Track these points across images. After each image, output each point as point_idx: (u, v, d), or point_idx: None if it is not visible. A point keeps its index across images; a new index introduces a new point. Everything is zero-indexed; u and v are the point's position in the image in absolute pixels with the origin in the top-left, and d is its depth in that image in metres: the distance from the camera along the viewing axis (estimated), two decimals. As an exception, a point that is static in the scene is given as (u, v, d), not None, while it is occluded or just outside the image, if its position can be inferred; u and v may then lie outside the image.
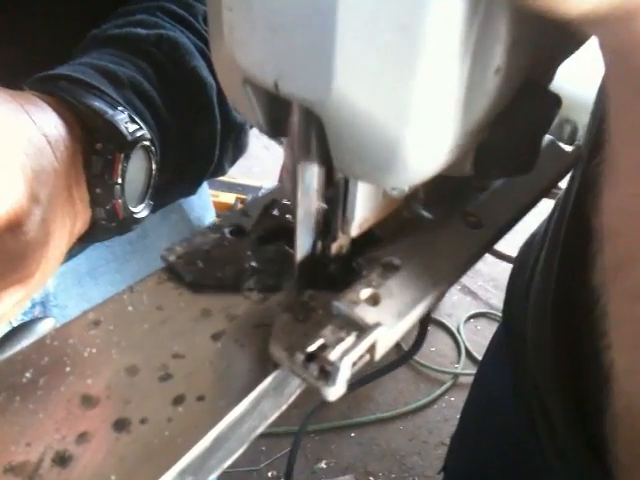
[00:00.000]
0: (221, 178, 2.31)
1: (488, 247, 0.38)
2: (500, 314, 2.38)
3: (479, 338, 2.36)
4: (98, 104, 0.43)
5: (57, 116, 0.41)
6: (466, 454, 0.88)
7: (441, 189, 0.37)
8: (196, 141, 0.54)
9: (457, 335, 2.35)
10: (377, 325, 0.30)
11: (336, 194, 0.32)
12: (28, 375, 0.29)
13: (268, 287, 0.34)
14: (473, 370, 2.24)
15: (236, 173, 2.44)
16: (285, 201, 0.39)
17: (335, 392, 0.28)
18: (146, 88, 0.48)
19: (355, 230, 0.33)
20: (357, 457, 1.95)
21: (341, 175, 0.31)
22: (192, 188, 0.60)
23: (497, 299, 2.49)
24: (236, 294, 0.34)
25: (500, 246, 2.34)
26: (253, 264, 0.35)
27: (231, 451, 0.29)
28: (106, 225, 0.44)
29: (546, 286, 0.59)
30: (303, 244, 0.32)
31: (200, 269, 0.35)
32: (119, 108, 0.44)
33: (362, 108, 0.24)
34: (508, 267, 2.46)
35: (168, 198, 0.57)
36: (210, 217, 0.82)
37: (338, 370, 0.27)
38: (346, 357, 0.28)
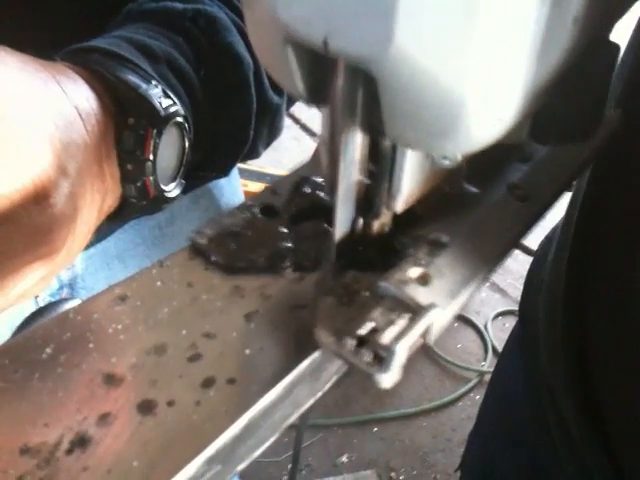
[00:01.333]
0: (250, 167, 2.31)
1: (536, 220, 0.36)
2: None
3: (507, 336, 2.32)
4: (132, 77, 0.42)
5: (89, 88, 0.40)
6: (481, 452, 0.86)
7: (484, 161, 0.34)
8: (230, 120, 0.52)
9: (484, 333, 2.32)
10: (432, 306, 0.27)
11: (381, 167, 0.29)
12: (49, 351, 0.27)
13: (304, 267, 0.32)
14: (500, 368, 2.21)
15: (265, 163, 2.42)
16: (316, 178, 0.37)
17: (390, 378, 0.26)
18: (181, 64, 0.47)
19: (401, 205, 0.30)
20: (379, 452, 1.93)
21: (387, 145, 0.28)
22: (225, 169, 0.58)
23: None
24: (270, 273, 0.32)
25: (531, 242, 2.30)
26: (288, 244, 0.33)
27: (262, 440, 0.27)
28: (136, 203, 0.43)
29: (556, 284, 0.56)
30: (343, 221, 0.30)
31: (232, 251, 0.33)
32: (153, 82, 0.42)
33: (423, 65, 0.22)
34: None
35: (200, 179, 0.56)
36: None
37: (394, 355, 0.25)
38: (402, 340, 0.26)
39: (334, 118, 0.27)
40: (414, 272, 0.30)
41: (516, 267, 2.54)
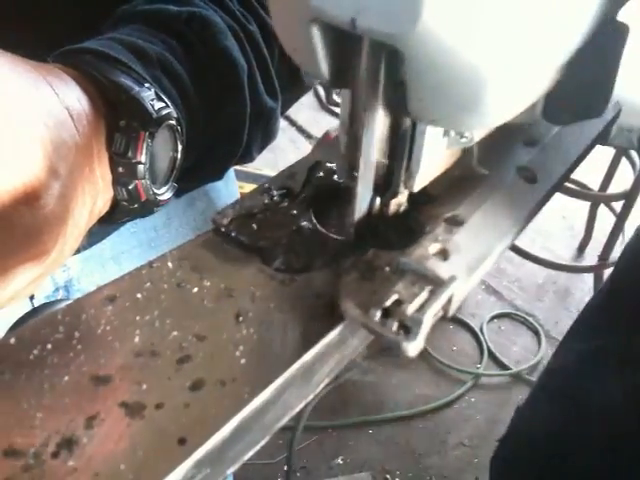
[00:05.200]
0: (247, 169, 2.30)
1: (545, 201, 0.37)
2: (524, 316, 2.33)
3: (502, 339, 2.33)
4: (124, 79, 0.41)
5: (81, 90, 0.39)
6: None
7: (493, 145, 0.37)
8: (224, 123, 0.52)
9: (480, 335, 2.32)
10: (453, 278, 0.28)
11: (400, 146, 0.30)
12: (36, 352, 0.27)
13: (295, 268, 0.32)
14: (495, 371, 2.21)
15: (262, 165, 2.42)
16: (329, 164, 0.39)
17: (415, 347, 0.27)
18: (175, 67, 0.47)
19: (418, 184, 0.32)
20: (375, 454, 1.92)
21: (407, 124, 0.30)
22: (219, 173, 0.58)
23: (521, 300, 2.45)
24: (260, 272, 0.31)
25: (526, 245, 2.30)
26: (307, 225, 0.35)
27: (252, 442, 0.27)
28: (128, 206, 0.42)
29: None
30: (362, 200, 0.31)
31: (255, 231, 0.34)
32: (145, 85, 0.42)
33: (449, 43, 0.23)
34: (533, 267, 2.42)
35: (193, 182, 0.55)
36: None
37: (420, 323, 0.27)
38: (426, 310, 0.27)
39: (356, 98, 0.28)
40: (433, 248, 0.31)
41: (511, 269, 2.54)
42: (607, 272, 2.33)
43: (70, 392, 0.25)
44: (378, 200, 0.32)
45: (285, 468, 1.82)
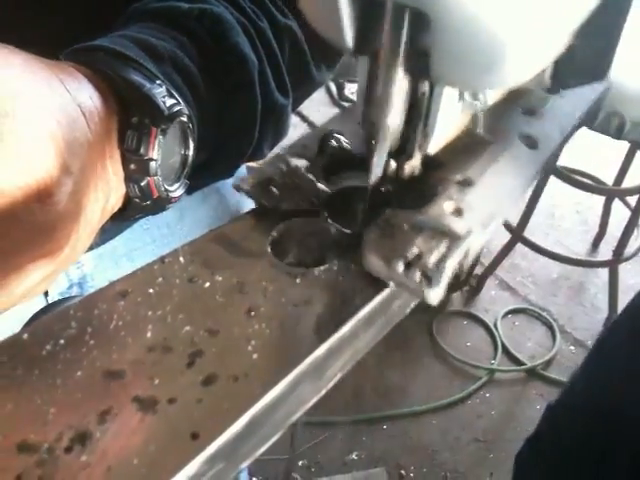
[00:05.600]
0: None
1: (546, 167, 0.40)
2: (539, 311, 2.31)
3: (516, 334, 2.31)
4: (135, 77, 0.41)
5: (93, 87, 0.39)
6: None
7: (496, 114, 0.40)
8: (235, 120, 0.52)
9: (494, 330, 2.31)
10: (469, 232, 0.30)
11: (417, 109, 0.32)
12: (48, 347, 0.27)
13: (307, 263, 0.32)
14: (509, 366, 2.20)
15: (273, 160, 2.42)
16: (338, 134, 0.40)
17: (437, 295, 0.29)
18: (186, 63, 0.47)
19: (433, 147, 0.34)
20: (388, 450, 1.92)
21: (424, 88, 0.31)
22: (230, 170, 0.58)
23: (536, 295, 2.44)
24: (272, 267, 0.31)
25: (540, 240, 2.29)
26: (325, 189, 0.36)
27: (265, 437, 0.27)
28: (140, 203, 0.43)
29: None
30: (379, 162, 0.33)
31: (276, 196, 0.35)
32: (157, 82, 0.42)
33: (473, 8, 0.24)
34: (547, 262, 2.41)
35: (205, 179, 0.55)
36: (249, 202, 0.80)
37: (441, 271, 0.29)
38: (449, 260, 0.29)
39: (378, 62, 0.30)
40: (448, 206, 0.33)
41: (525, 265, 2.53)
42: (622, 267, 2.32)
43: (83, 387, 0.26)
44: (393, 164, 0.34)
45: (300, 464, 1.83)
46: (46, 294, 0.60)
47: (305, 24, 0.57)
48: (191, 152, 0.45)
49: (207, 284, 0.30)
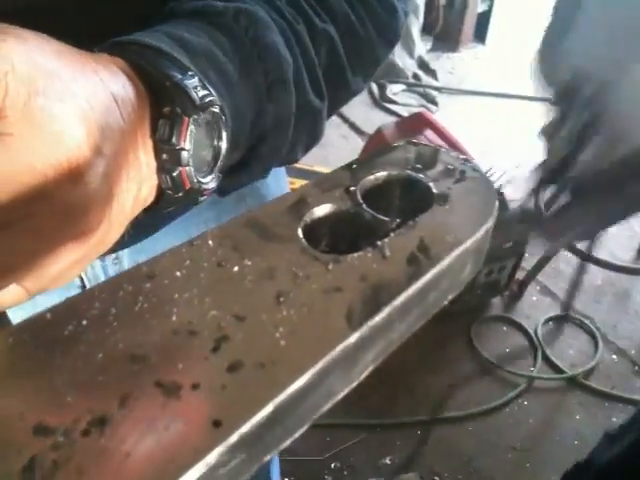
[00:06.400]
0: (297, 166, 2.30)
1: None
2: (581, 318, 2.28)
3: (557, 342, 2.27)
4: (167, 67, 0.41)
5: (126, 77, 0.39)
6: None
7: None
8: (270, 119, 0.51)
9: (534, 337, 2.26)
10: None
11: None
12: (71, 328, 0.26)
13: (340, 249, 0.31)
14: (550, 374, 2.15)
15: (312, 161, 2.42)
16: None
17: None
18: (221, 60, 0.47)
19: None
20: (422, 455, 1.90)
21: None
22: (263, 171, 0.57)
23: (579, 302, 2.38)
24: (303, 253, 0.30)
25: (584, 247, 2.24)
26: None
27: (291, 429, 0.26)
28: (172, 195, 0.42)
29: None
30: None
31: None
32: (189, 73, 0.42)
33: None
34: (591, 269, 2.36)
35: (240, 180, 0.55)
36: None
37: None
38: None
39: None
40: None
41: (569, 271, 2.48)
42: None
43: (104, 370, 0.25)
44: None
45: (332, 466, 1.82)
46: (83, 288, 0.60)
47: (343, 31, 0.57)
48: (224, 144, 0.45)
49: (236, 268, 0.29)
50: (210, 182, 0.45)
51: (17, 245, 0.32)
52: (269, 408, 0.24)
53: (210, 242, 0.30)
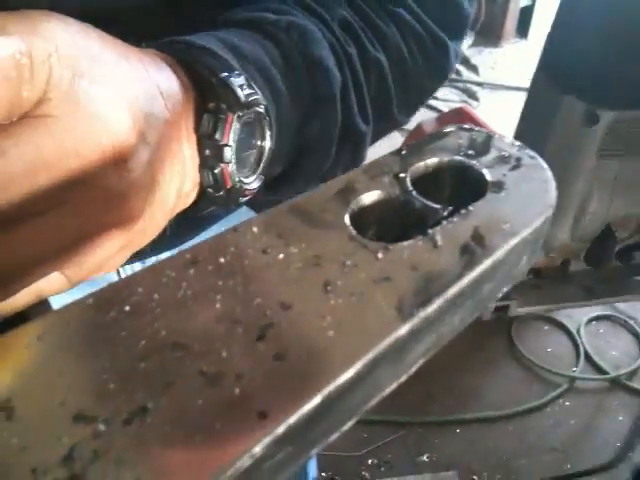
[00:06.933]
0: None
1: None
2: (625, 318, 2.25)
3: (601, 342, 2.22)
4: (214, 65, 0.41)
5: (171, 71, 0.39)
6: None
7: None
8: (313, 133, 0.51)
9: (576, 337, 2.22)
10: None
11: None
12: (113, 314, 0.25)
13: (387, 239, 0.29)
14: (592, 375, 2.11)
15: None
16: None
17: None
18: (268, 67, 0.47)
19: None
20: (461, 454, 1.88)
21: None
22: (304, 187, 0.57)
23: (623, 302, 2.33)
24: (351, 241, 0.29)
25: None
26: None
27: (338, 422, 0.25)
28: (213, 193, 0.42)
29: None
30: None
31: None
32: (236, 72, 0.41)
33: None
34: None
35: (280, 193, 0.54)
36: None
37: None
38: None
39: None
40: None
41: (613, 270, 2.42)
42: None
43: (146, 357, 0.24)
44: None
45: (369, 462, 1.81)
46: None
47: (393, 62, 0.56)
48: (268, 144, 0.45)
49: (281, 255, 0.28)
50: (252, 182, 0.44)
51: (59, 231, 0.32)
52: (317, 400, 0.22)
53: (255, 229, 0.29)
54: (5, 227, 0.29)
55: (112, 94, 0.33)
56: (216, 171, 0.40)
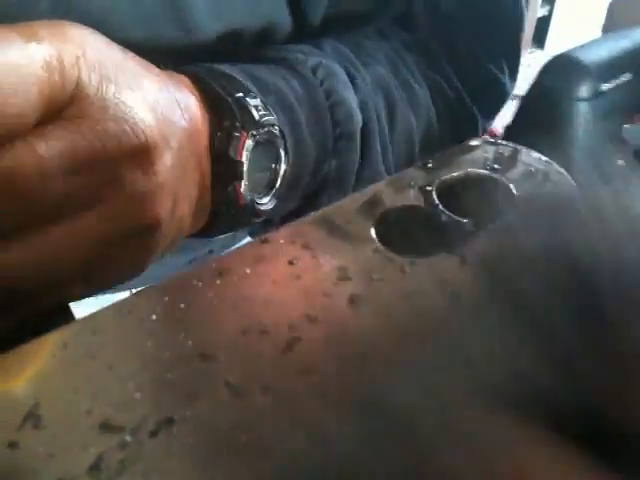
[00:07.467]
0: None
1: None
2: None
3: None
4: (231, 86, 0.41)
5: (189, 90, 0.39)
6: None
7: None
8: (333, 169, 0.51)
9: None
10: None
11: None
12: (139, 323, 0.25)
13: (414, 251, 0.29)
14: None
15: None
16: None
17: None
18: (290, 100, 0.46)
19: None
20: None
21: None
22: None
23: None
24: (378, 254, 0.29)
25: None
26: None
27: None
28: (225, 212, 0.41)
29: None
30: None
31: None
32: (251, 94, 0.41)
33: None
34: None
35: None
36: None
37: None
38: None
39: None
40: None
41: None
42: None
43: (172, 367, 0.24)
44: None
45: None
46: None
47: (421, 124, 0.56)
48: (283, 167, 0.44)
49: (308, 268, 0.28)
50: (266, 203, 0.44)
51: (93, 233, 0.32)
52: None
53: (281, 240, 0.29)
54: (43, 227, 0.29)
55: (138, 99, 0.33)
56: (229, 188, 0.40)
